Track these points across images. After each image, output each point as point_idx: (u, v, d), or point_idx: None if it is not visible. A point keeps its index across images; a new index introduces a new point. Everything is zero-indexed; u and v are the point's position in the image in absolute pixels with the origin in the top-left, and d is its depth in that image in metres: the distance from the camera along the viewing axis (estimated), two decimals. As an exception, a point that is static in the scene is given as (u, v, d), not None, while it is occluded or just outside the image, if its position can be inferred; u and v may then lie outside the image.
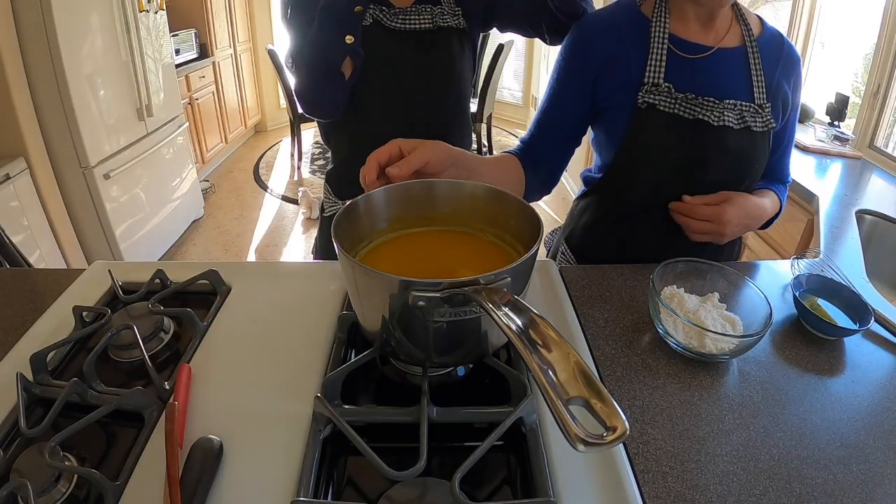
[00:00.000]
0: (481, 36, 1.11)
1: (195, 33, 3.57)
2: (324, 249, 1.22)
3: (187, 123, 3.09)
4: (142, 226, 2.68)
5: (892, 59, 1.86)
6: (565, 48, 0.88)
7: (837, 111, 2.14)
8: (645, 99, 0.80)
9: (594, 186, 0.95)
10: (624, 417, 0.35)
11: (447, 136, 0.86)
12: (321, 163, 4.19)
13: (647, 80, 0.80)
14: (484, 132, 4.05)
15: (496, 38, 4.06)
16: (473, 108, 3.72)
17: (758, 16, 0.88)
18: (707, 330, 0.66)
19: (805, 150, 2.01)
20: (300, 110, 0.96)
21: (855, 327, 0.73)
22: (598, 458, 0.53)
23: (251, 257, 2.99)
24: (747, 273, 0.74)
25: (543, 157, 0.90)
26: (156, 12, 2.67)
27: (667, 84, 0.80)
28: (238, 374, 0.65)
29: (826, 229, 1.20)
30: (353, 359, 0.60)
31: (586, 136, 0.94)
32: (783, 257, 1.61)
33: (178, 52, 3.27)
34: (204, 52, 3.72)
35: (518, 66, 4.85)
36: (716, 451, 0.57)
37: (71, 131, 2.20)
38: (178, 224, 3.05)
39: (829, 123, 2.16)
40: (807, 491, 0.52)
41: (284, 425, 0.57)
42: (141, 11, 2.51)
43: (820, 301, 0.78)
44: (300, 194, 3.47)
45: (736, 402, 0.63)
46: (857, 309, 0.76)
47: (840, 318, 0.75)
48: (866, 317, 0.73)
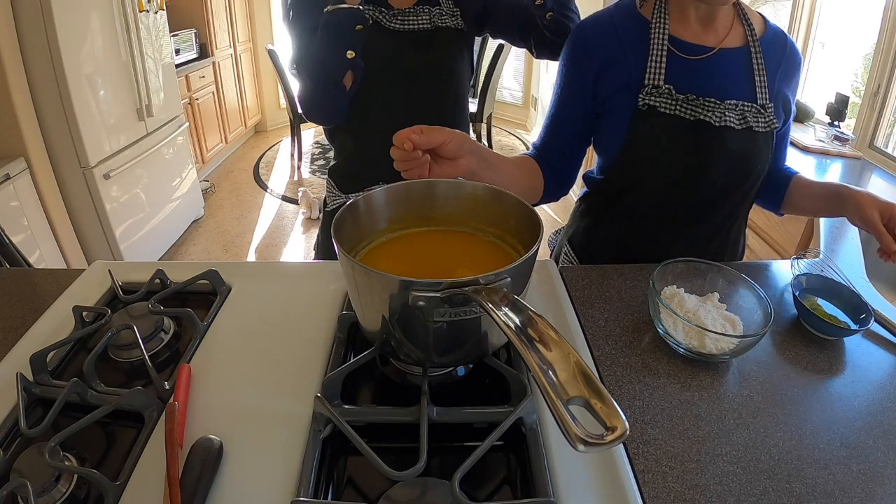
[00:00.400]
0: (481, 37, 1.13)
1: (195, 33, 3.56)
2: (325, 245, 1.23)
3: (187, 123, 3.08)
4: (142, 226, 2.68)
5: (892, 59, 1.86)
6: (566, 51, 0.88)
7: (837, 111, 2.13)
8: (646, 101, 0.80)
9: (596, 188, 0.95)
10: (624, 417, 0.35)
11: None
12: (321, 163, 4.19)
13: (647, 82, 0.80)
14: (484, 132, 4.05)
15: (496, 38, 4.05)
16: (473, 108, 3.72)
17: (761, 14, 0.87)
18: (707, 330, 0.66)
19: (805, 150, 2.01)
20: (300, 110, 0.98)
21: (855, 327, 0.73)
22: (598, 458, 0.53)
23: (251, 257, 2.98)
24: (747, 273, 0.74)
25: (557, 158, 0.91)
26: (156, 12, 2.67)
27: (667, 86, 0.80)
28: (238, 374, 0.65)
29: (826, 229, 1.20)
30: (353, 359, 0.60)
31: None
32: (783, 257, 1.61)
33: (178, 52, 3.27)
34: (204, 52, 3.72)
35: (518, 66, 4.85)
36: (716, 451, 0.57)
37: (71, 131, 2.19)
38: (178, 224, 3.05)
39: (829, 123, 2.16)
40: (807, 491, 0.52)
41: (284, 425, 0.57)
42: (141, 11, 2.51)
43: (820, 301, 0.78)
44: (300, 194, 3.47)
45: (736, 402, 0.63)
46: (857, 309, 0.76)
47: (840, 319, 0.75)
48: (866, 317, 0.73)
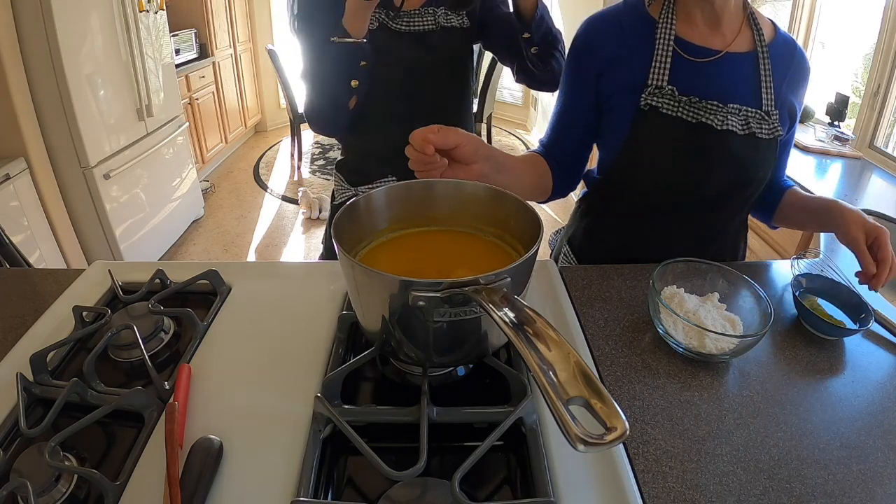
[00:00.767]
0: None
1: (195, 33, 3.57)
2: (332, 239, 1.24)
3: (187, 123, 3.08)
4: (142, 226, 2.68)
5: (892, 59, 1.86)
6: (570, 48, 0.88)
7: (837, 111, 2.14)
8: (648, 101, 0.80)
9: (596, 187, 0.95)
10: (624, 417, 0.35)
11: None
12: (321, 163, 4.19)
13: (650, 82, 0.80)
14: (484, 132, 4.05)
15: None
16: (473, 107, 3.71)
17: (772, 21, 0.86)
18: (707, 330, 0.66)
19: (805, 150, 2.01)
20: (300, 111, 1.00)
21: (855, 327, 0.73)
22: (598, 458, 0.53)
23: (251, 257, 2.98)
24: (747, 273, 0.74)
25: (563, 155, 0.92)
26: (156, 12, 2.67)
27: (671, 87, 0.79)
28: (238, 374, 0.65)
29: (826, 229, 1.20)
30: (353, 359, 0.60)
31: None
32: (783, 257, 1.61)
33: (178, 52, 3.27)
34: (204, 52, 3.72)
35: (518, 67, 4.86)
36: (716, 451, 0.56)
37: (71, 131, 2.19)
38: (178, 224, 3.05)
39: (829, 123, 2.16)
40: (807, 491, 0.52)
41: (284, 425, 0.57)
42: (141, 11, 2.51)
43: (820, 301, 0.78)
44: (300, 194, 3.47)
45: (736, 402, 0.63)
46: (857, 309, 0.76)
47: (840, 319, 0.75)
48: (866, 317, 0.73)
